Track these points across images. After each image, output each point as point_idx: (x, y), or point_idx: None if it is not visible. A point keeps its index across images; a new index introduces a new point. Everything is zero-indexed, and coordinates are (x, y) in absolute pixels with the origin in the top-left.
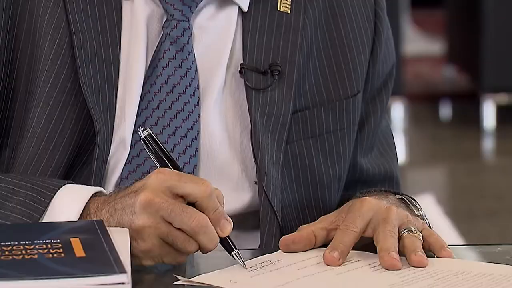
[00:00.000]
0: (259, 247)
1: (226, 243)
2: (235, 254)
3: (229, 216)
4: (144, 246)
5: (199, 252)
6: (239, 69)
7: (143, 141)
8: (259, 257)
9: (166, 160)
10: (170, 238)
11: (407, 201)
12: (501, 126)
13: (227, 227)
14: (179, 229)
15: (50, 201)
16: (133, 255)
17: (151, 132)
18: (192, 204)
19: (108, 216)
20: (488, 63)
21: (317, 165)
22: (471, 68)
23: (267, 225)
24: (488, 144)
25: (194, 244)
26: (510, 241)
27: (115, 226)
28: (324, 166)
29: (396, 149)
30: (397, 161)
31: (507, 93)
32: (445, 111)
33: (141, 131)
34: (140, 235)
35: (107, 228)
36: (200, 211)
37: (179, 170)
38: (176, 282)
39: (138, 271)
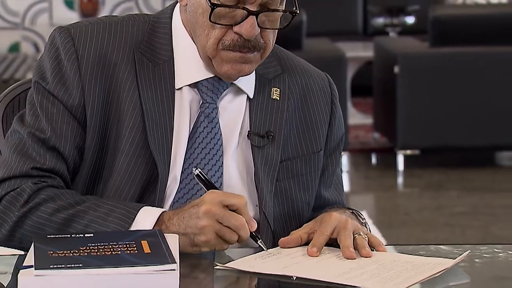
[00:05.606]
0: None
1: (253, 236)
2: (260, 242)
3: None
4: (205, 238)
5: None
6: (247, 134)
7: (196, 176)
8: (265, 251)
9: (211, 186)
10: (221, 233)
11: (356, 214)
12: (408, 169)
13: (254, 225)
14: (227, 226)
15: (134, 217)
16: (195, 245)
17: (200, 170)
18: (234, 211)
19: (179, 222)
20: (400, 131)
21: (295, 194)
22: (389, 134)
23: (264, 233)
24: (400, 180)
25: (236, 236)
26: (416, 243)
27: (184, 229)
28: (300, 196)
29: (343, 186)
30: (344, 193)
31: (411, 149)
32: (374, 159)
33: (194, 170)
34: (202, 231)
35: (164, 234)
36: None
37: None
38: (216, 267)
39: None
